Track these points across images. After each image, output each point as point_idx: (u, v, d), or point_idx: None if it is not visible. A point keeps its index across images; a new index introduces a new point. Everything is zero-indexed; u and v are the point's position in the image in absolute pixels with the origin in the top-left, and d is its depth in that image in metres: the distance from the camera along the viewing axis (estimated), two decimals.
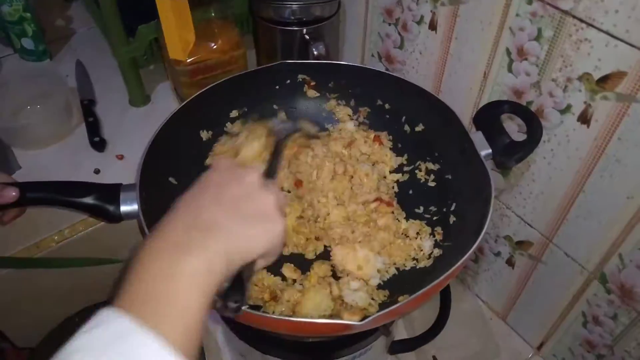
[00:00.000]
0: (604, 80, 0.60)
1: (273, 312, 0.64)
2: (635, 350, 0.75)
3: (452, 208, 0.73)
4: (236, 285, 0.45)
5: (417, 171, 0.80)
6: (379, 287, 0.68)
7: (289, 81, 0.84)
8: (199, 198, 0.47)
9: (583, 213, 0.72)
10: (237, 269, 0.45)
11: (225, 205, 0.46)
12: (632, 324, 0.73)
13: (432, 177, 0.79)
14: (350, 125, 0.85)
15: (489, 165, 0.67)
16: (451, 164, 0.76)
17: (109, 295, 0.38)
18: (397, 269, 0.70)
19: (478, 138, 0.70)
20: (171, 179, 0.74)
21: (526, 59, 0.68)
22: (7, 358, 1.04)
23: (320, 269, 0.68)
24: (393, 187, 0.80)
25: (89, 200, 0.65)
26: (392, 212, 0.75)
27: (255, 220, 0.46)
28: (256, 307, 0.64)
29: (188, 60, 0.85)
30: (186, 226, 0.43)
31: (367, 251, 0.68)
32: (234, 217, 0.45)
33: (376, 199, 0.75)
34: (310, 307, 0.63)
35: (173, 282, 0.39)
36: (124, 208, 0.65)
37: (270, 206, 0.48)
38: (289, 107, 0.86)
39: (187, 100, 0.76)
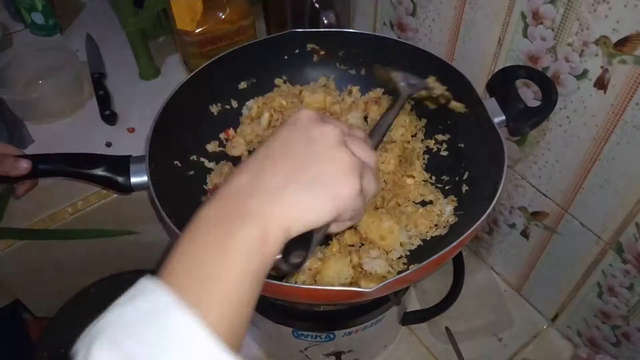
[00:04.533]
0: (622, 43, 0.58)
1: (296, 282, 0.64)
2: None
3: (465, 177, 0.73)
4: (301, 239, 0.41)
5: (428, 140, 0.79)
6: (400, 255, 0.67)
7: (297, 51, 0.83)
8: (263, 158, 0.42)
9: (599, 181, 0.70)
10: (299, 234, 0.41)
11: (289, 168, 0.41)
12: None
13: (445, 146, 0.78)
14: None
15: (502, 132, 0.66)
16: (464, 132, 0.75)
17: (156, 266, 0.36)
18: (424, 240, 0.69)
19: (492, 105, 0.69)
20: (181, 151, 0.74)
21: (542, 23, 0.66)
22: (28, 327, 1.07)
23: (350, 239, 0.67)
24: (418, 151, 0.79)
25: (99, 171, 0.66)
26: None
27: (320, 186, 0.40)
28: (278, 278, 0.64)
29: (196, 31, 0.85)
30: (242, 192, 0.39)
31: (393, 223, 0.67)
32: (297, 183, 0.40)
33: None
34: (331, 275, 0.63)
35: (222, 255, 0.35)
36: (134, 179, 0.66)
37: (341, 169, 0.41)
38: (297, 78, 0.85)
39: (195, 71, 0.75)
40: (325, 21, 0.88)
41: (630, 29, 0.57)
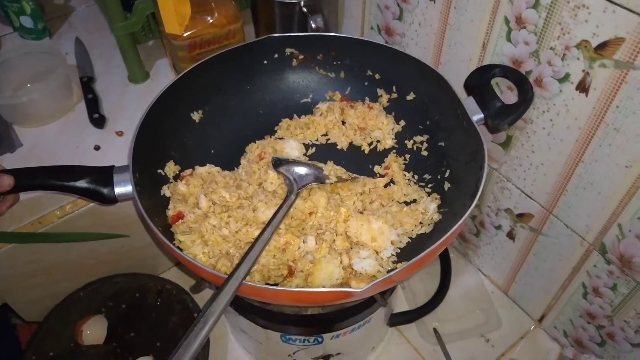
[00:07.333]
0: (602, 47, 0.59)
1: (290, 287, 0.64)
2: (634, 320, 0.75)
3: (447, 175, 0.74)
4: None
5: (406, 141, 0.81)
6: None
7: (276, 55, 0.84)
8: None
9: (582, 183, 0.71)
10: None
11: None
12: (631, 294, 0.73)
13: (425, 145, 0.79)
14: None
15: (481, 130, 0.67)
16: (444, 131, 0.77)
17: None
18: (410, 237, 0.70)
19: (470, 103, 0.71)
20: (165, 160, 0.75)
21: (524, 28, 0.67)
22: (17, 331, 1.07)
23: (342, 244, 0.68)
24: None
25: (82, 183, 0.65)
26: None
27: None
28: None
29: (185, 35, 0.85)
30: None
31: (382, 223, 0.68)
32: None
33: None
34: (322, 277, 0.64)
35: None
36: (118, 190, 0.66)
37: None
38: (276, 83, 0.86)
39: (174, 80, 0.75)
40: (314, 25, 0.88)
41: (610, 34, 0.58)
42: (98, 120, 0.90)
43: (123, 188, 0.65)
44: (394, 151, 0.80)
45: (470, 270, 1.03)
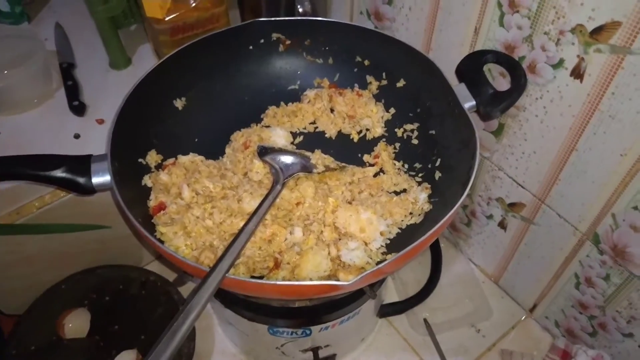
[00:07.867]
0: (597, 31, 0.57)
1: (276, 279, 0.62)
2: (626, 311, 0.75)
3: (438, 163, 0.72)
4: None
5: (396, 129, 0.79)
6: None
7: (263, 40, 0.81)
8: None
9: (576, 172, 0.70)
10: None
11: None
12: (624, 284, 0.72)
13: (416, 133, 0.77)
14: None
15: (473, 117, 0.66)
16: (435, 119, 0.75)
17: None
18: (400, 228, 0.69)
19: (461, 90, 0.69)
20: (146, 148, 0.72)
21: (518, 11, 0.65)
22: (1, 324, 1.05)
23: (330, 235, 0.66)
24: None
25: (58, 173, 0.62)
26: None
27: None
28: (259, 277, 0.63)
29: (167, 19, 0.82)
30: None
31: (371, 214, 0.67)
32: None
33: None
34: (309, 269, 0.62)
35: None
36: (95, 180, 0.63)
37: None
38: (263, 69, 0.83)
39: (155, 65, 0.72)
40: (301, 9, 0.86)
41: (606, 18, 0.56)
42: (78, 107, 0.87)
43: (101, 178, 0.63)
44: (384, 140, 0.79)
45: (461, 260, 1.02)
